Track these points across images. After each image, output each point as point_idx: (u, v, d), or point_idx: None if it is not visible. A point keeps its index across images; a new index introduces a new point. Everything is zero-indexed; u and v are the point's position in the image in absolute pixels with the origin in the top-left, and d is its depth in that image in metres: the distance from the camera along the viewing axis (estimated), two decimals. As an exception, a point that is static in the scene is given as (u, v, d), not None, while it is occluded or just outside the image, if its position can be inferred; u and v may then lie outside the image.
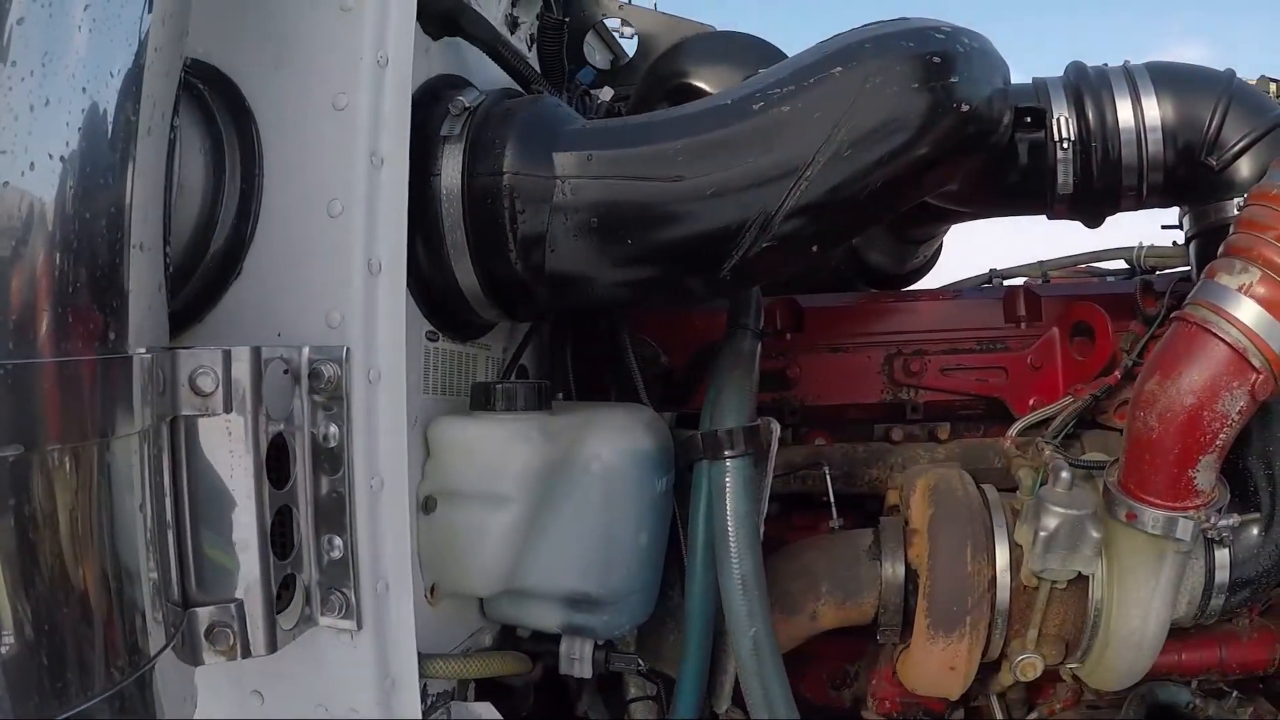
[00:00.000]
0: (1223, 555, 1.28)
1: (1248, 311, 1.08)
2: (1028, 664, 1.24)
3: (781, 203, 0.98)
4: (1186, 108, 1.29)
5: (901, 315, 1.62)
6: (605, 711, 1.26)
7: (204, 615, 0.81)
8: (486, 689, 1.16)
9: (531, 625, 1.13)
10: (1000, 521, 1.26)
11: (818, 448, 1.55)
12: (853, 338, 1.60)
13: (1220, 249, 1.16)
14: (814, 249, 1.05)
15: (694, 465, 1.14)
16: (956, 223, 1.75)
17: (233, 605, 0.82)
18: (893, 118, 1.02)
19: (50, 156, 0.65)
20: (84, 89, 0.66)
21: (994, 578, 1.22)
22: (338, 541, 0.91)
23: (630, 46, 1.64)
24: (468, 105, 0.99)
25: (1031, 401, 1.52)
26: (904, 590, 1.26)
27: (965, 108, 1.06)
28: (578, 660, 1.13)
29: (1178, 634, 1.56)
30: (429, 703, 1.03)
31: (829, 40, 1.08)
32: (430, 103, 1.01)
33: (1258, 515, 1.22)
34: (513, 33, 1.26)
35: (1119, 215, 1.45)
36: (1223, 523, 1.13)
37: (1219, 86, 1.30)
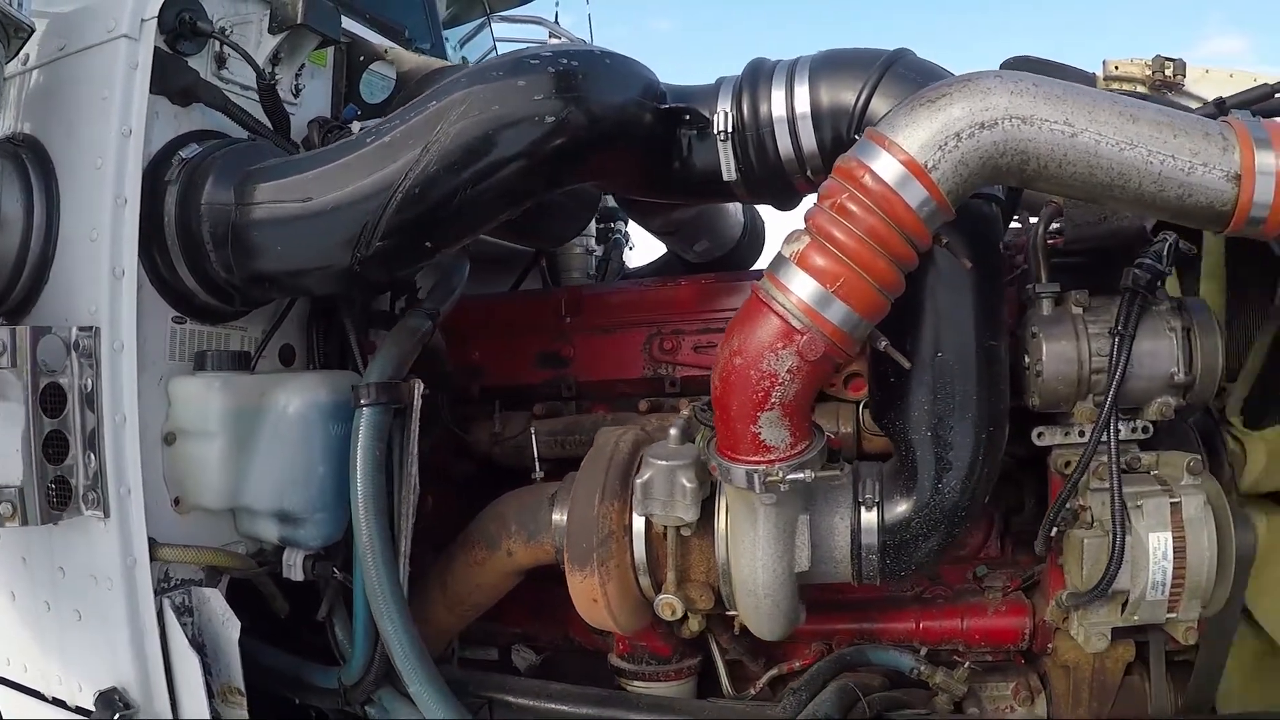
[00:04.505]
0: (869, 518, 1.49)
1: (795, 278, 1.28)
2: (665, 604, 1.54)
3: (383, 212, 1.42)
4: (835, 92, 1.51)
5: (664, 299, 1.95)
6: (347, 614, 1.76)
7: (-5, 494, 1.46)
8: (245, 594, 1.71)
9: (261, 537, 1.66)
10: (647, 475, 1.57)
11: (573, 417, 1.94)
12: (621, 321, 1.97)
13: (805, 222, 1.40)
14: (427, 244, 1.48)
15: None
16: (675, 213, 2.02)
17: (16, 490, 1.46)
18: (476, 137, 1.41)
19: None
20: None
21: (628, 524, 1.55)
22: (93, 457, 1.52)
23: None
24: (185, 157, 1.55)
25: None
26: (569, 533, 1.63)
27: (550, 119, 1.42)
28: (292, 567, 1.65)
29: (919, 602, 1.75)
30: (173, 584, 1.61)
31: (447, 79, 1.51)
32: (170, 155, 1.58)
33: (837, 472, 1.42)
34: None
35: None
36: (792, 475, 1.35)
37: (871, 67, 1.49)
